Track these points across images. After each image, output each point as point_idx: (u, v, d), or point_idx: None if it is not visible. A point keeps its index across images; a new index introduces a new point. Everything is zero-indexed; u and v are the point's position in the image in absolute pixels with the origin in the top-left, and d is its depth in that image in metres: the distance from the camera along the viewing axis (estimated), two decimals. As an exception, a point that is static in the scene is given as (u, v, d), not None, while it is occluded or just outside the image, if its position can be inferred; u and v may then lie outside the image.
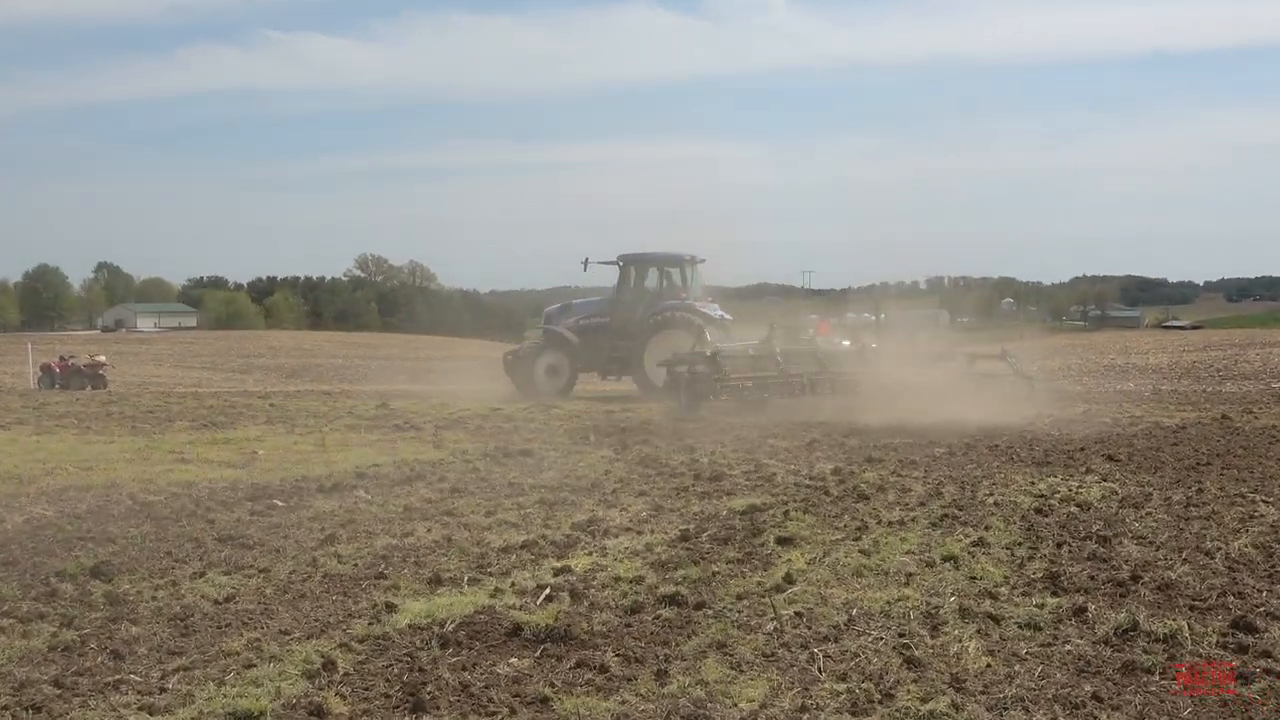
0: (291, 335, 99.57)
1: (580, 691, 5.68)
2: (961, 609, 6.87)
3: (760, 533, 9.31)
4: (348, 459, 14.64)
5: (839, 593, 7.35)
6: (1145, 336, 69.32)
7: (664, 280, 28.57)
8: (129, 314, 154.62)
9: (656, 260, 28.94)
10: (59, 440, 17.24)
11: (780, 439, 16.39)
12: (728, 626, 6.63)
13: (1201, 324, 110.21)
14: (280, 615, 7.06)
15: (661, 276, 28.57)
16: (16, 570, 8.24)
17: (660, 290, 28.38)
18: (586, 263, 28.12)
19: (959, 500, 10.73)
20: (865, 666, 5.94)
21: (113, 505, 11.05)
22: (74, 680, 5.82)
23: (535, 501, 11.09)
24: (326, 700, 5.50)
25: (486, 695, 5.64)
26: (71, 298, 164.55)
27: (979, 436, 16.25)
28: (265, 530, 9.76)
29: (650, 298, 28.31)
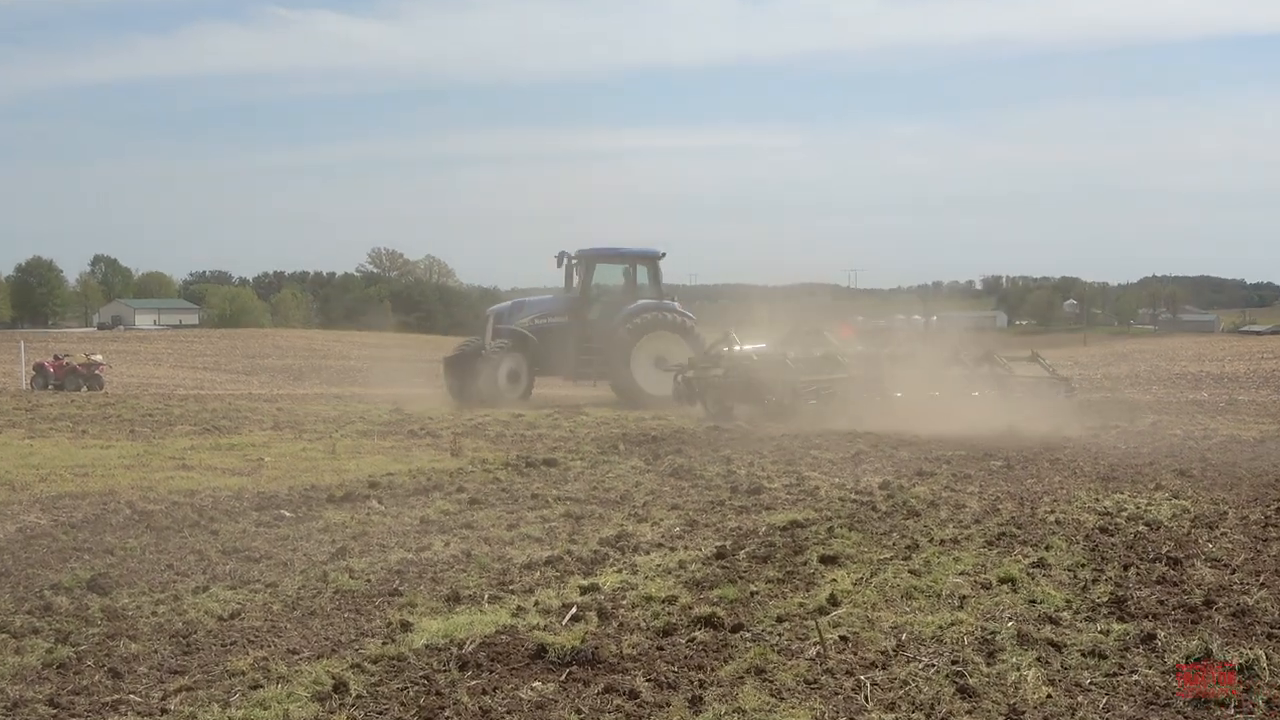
0: (300, 334, 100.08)
1: (609, 718, 5.70)
2: (1020, 635, 6.84)
3: (802, 550, 9.31)
4: (360, 467, 14.73)
5: (887, 616, 7.34)
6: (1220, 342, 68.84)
7: (625, 278, 29.22)
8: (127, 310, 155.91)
9: (616, 256, 29.48)
10: (53, 444, 17.41)
11: (823, 450, 16.38)
12: (767, 651, 6.62)
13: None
14: (288, 633, 7.12)
15: (624, 273, 29.27)
16: (9, 582, 8.33)
17: (625, 288, 29.06)
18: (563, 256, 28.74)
19: (1017, 518, 10.69)
20: (915, 696, 5.93)
21: (110, 514, 11.15)
22: (70, 700, 5.88)
23: (560, 514, 11.12)
24: (338, 724, 5.54)
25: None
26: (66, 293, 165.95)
27: (1040, 449, 16.19)
28: (272, 542, 9.83)
29: (610, 296, 28.99)
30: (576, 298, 28.65)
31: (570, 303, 28.56)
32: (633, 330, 27.88)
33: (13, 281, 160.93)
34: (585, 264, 28.78)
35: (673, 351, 27.62)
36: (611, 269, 29.45)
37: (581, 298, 28.57)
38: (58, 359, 36.84)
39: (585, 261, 28.81)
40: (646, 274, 29.17)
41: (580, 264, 28.84)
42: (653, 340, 27.94)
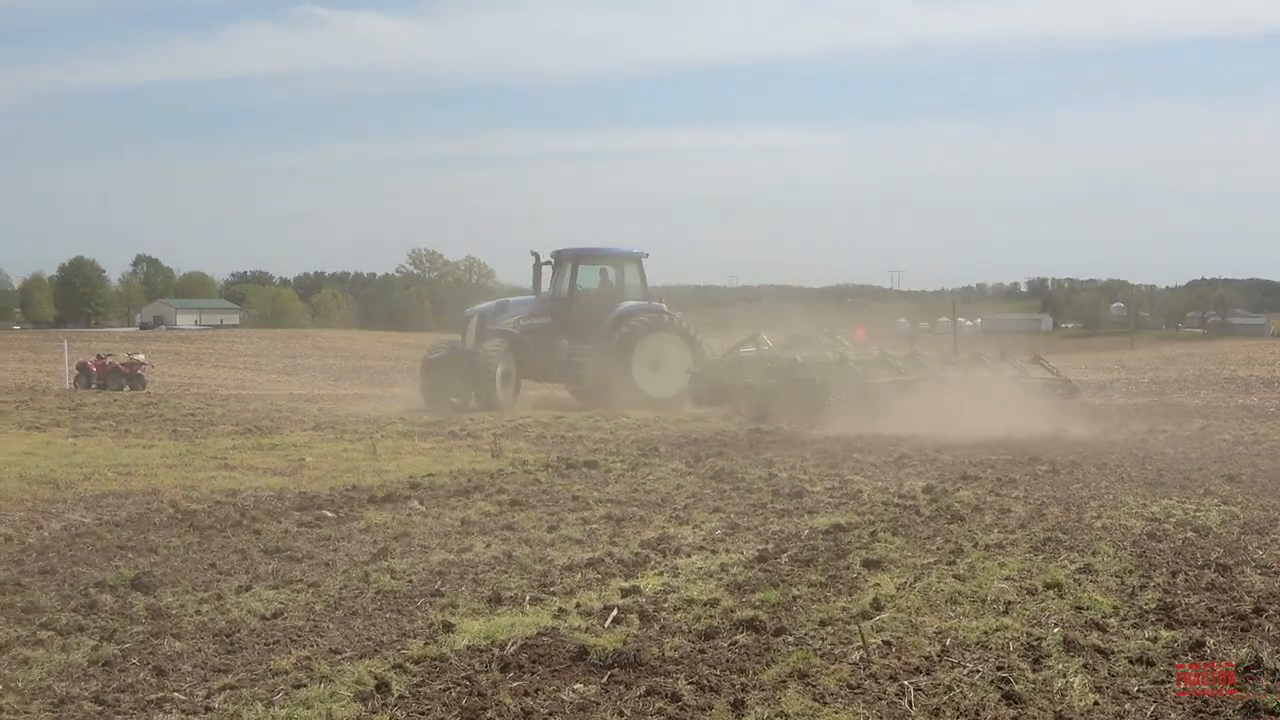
0: (340, 335, 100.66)
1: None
2: (1066, 641, 6.81)
3: (845, 554, 9.30)
4: (400, 468, 14.82)
5: (931, 621, 7.32)
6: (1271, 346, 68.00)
7: (606, 278, 28.74)
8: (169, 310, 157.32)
9: (597, 257, 29.07)
10: (97, 443, 17.61)
11: (866, 453, 16.34)
12: (810, 655, 6.62)
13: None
14: (331, 633, 7.18)
15: (607, 274, 28.78)
16: (55, 580, 8.45)
17: (610, 289, 28.52)
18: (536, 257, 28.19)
19: (1063, 523, 10.63)
20: (960, 701, 5.91)
21: (154, 513, 11.28)
22: (115, 697, 5.96)
23: (601, 517, 11.15)
24: (380, 724, 5.59)
25: (550, 723, 5.70)
26: (109, 293, 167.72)
27: (1086, 454, 16.08)
28: (314, 542, 9.92)
29: (592, 297, 28.31)
30: (562, 299, 28.10)
31: (556, 304, 28.03)
32: (632, 332, 27.52)
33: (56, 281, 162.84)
34: (570, 264, 28.36)
35: (670, 354, 27.55)
36: (591, 270, 28.97)
37: (569, 299, 28.07)
38: (100, 358, 37.21)
39: (570, 262, 28.40)
40: (631, 275, 28.83)
41: (564, 264, 28.42)
42: (652, 342, 27.73)
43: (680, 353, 27.69)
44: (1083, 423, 21.23)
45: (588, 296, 28.22)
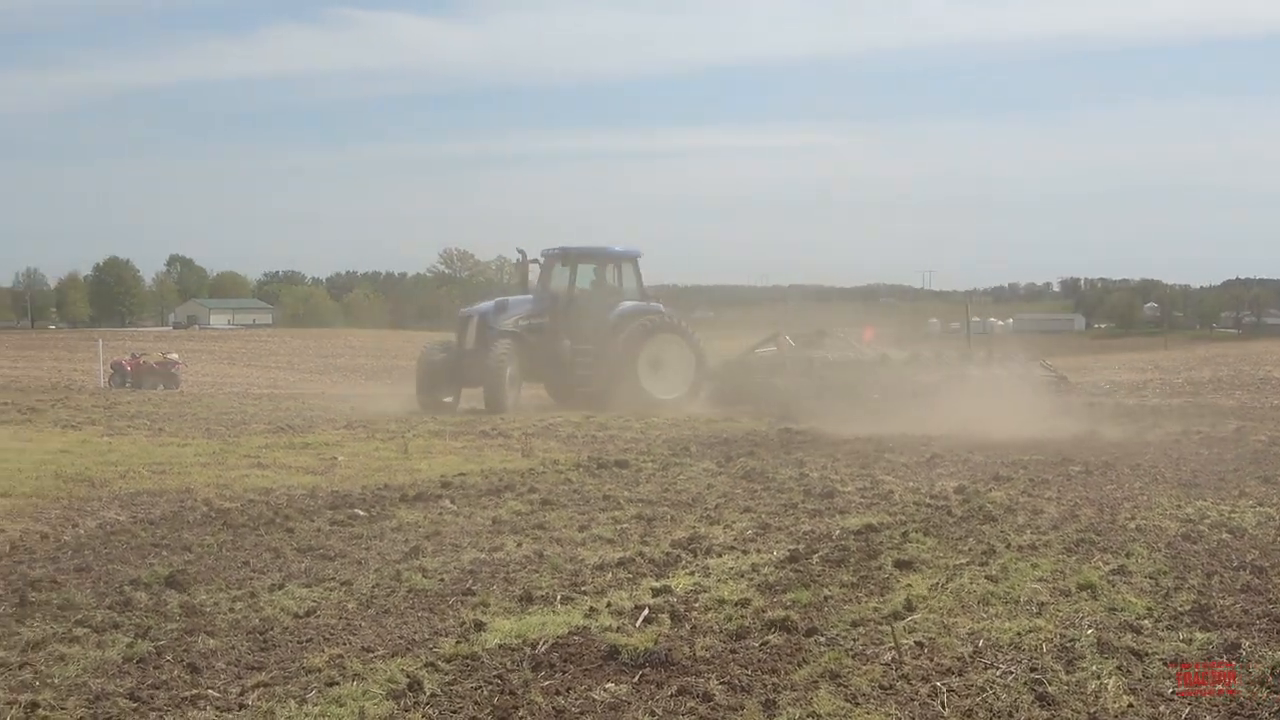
0: (372, 334, 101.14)
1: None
2: (1100, 642, 6.77)
3: (877, 555, 9.26)
4: (432, 467, 14.87)
5: (964, 622, 7.29)
6: (1307, 346, 67.39)
7: (603, 277, 28.07)
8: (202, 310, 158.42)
9: (595, 256, 28.37)
10: (131, 442, 17.74)
11: (898, 454, 16.28)
12: (841, 655, 6.60)
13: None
14: (363, 631, 7.20)
15: (604, 273, 28.09)
16: (90, 578, 8.51)
17: (607, 289, 27.85)
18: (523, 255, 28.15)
19: (1097, 524, 10.57)
20: (993, 703, 5.88)
21: (187, 511, 11.36)
22: (150, 693, 6.00)
23: (632, 516, 11.16)
24: (413, 722, 5.60)
25: (581, 722, 5.70)
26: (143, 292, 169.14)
27: (1119, 455, 15.99)
28: (346, 541, 9.96)
29: (589, 297, 27.64)
30: (561, 299, 27.33)
31: (554, 304, 27.23)
32: (637, 333, 27.05)
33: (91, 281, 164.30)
34: (568, 264, 27.86)
35: (672, 354, 27.35)
36: (587, 269, 28.22)
37: (568, 299, 27.33)
38: (135, 358, 37.53)
39: (567, 261, 27.90)
40: (628, 274, 28.28)
41: (558, 263, 27.92)
42: (656, 343, 27.32)
43: (682, 353, 27.52)
44: (1116, 423, 21.12)
45: (585, 296, 27.64)
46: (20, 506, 11.52)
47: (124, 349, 45.16)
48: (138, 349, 43.06)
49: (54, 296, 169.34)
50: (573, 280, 27.57)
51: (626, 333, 26.95)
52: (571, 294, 27.34)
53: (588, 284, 27.95)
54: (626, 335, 26.92)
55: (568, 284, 27.49)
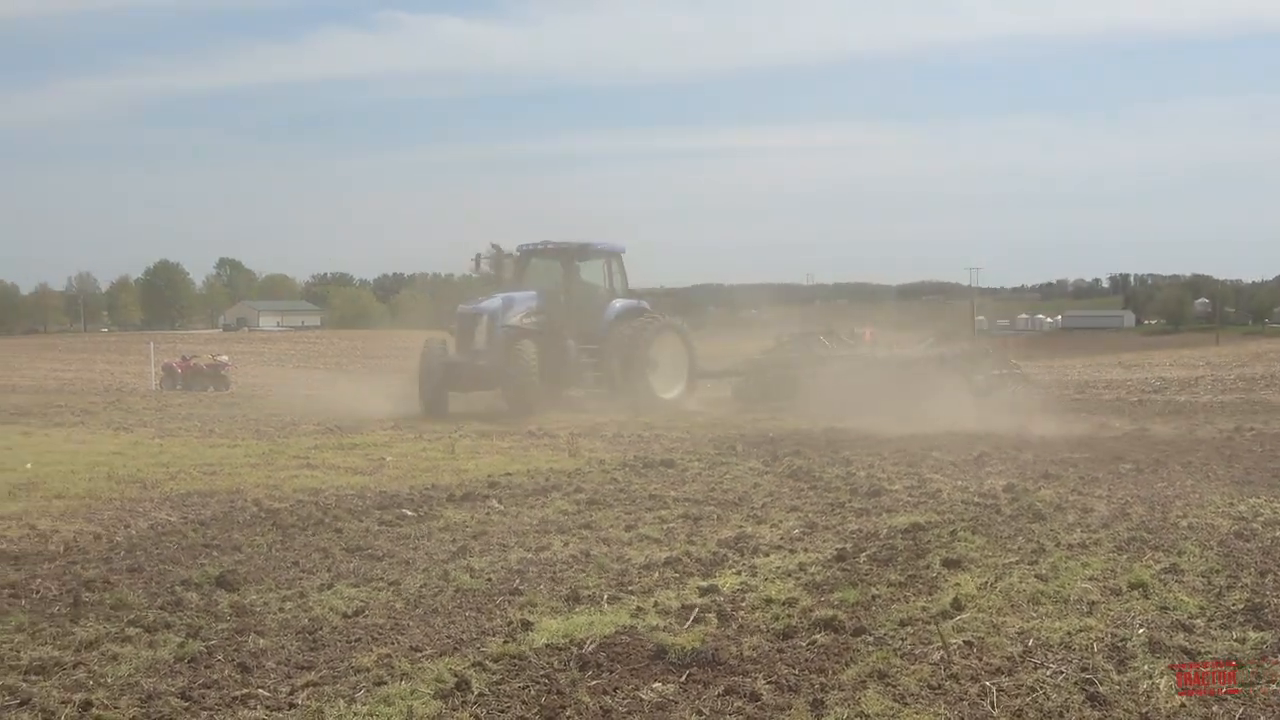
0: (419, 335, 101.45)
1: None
2: (1152, 642, 6.69)
3: (924, 554, 9.20)
4: (479, 467, 14.93)
5: (1013, 621, 7.22)
6: (1362, 341, 66.45)
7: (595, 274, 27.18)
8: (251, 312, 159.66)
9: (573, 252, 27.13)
10: (182, 443, 17.93)
11: (945, 452, 16.18)
12: (890, 655, 6.56)
13: None
14: (411, 630, 7.23)
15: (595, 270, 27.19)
16: (142, 578, 8.60)
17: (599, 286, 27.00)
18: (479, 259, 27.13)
19: (1148, 522, 10.45)
20: (1043, 703, 5.83)
21: (237, 512, 11.45)
22: (201, 693, 6.04)
23: (678, 516, 11.14)
24: (461, 722, 5.62)
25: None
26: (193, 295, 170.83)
27: (1171, 452, 15.82)
28: (394, 541, 10.00)
29: (583, 294, 26.72)
30: (559, 295, 26.26)
31: (554, 301, 26.09)
32: (644, 332, 26.32)
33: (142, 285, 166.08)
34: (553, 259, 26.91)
35: (670, 353, 26.86)
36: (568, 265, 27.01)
37: (567, 296, 26.30)
38: (185, 360, 37.88)
39: (552, 256, 26.92)
40: (616, 271, 27.29)
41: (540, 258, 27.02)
42: (659, 342, 26.68)
43: (678, 351, 27.04)
44: (1166, 421, 20.91)
45: (580, 293, 26.71)
46: (74, 507, 11.66)
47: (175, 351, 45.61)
48: (188, 351, 43.48)
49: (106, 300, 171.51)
50: (572, 276, 26.63)
51: (632, 331, 26.25)
52: (571, 291, 26.42)
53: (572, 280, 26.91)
54: (632, 334, 26.21)
55: (563, 280, 26.51)
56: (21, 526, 10.58)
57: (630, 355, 25.87)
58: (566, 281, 26.49)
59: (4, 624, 7.26)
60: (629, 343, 26.03)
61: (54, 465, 14.70)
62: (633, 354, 25.90)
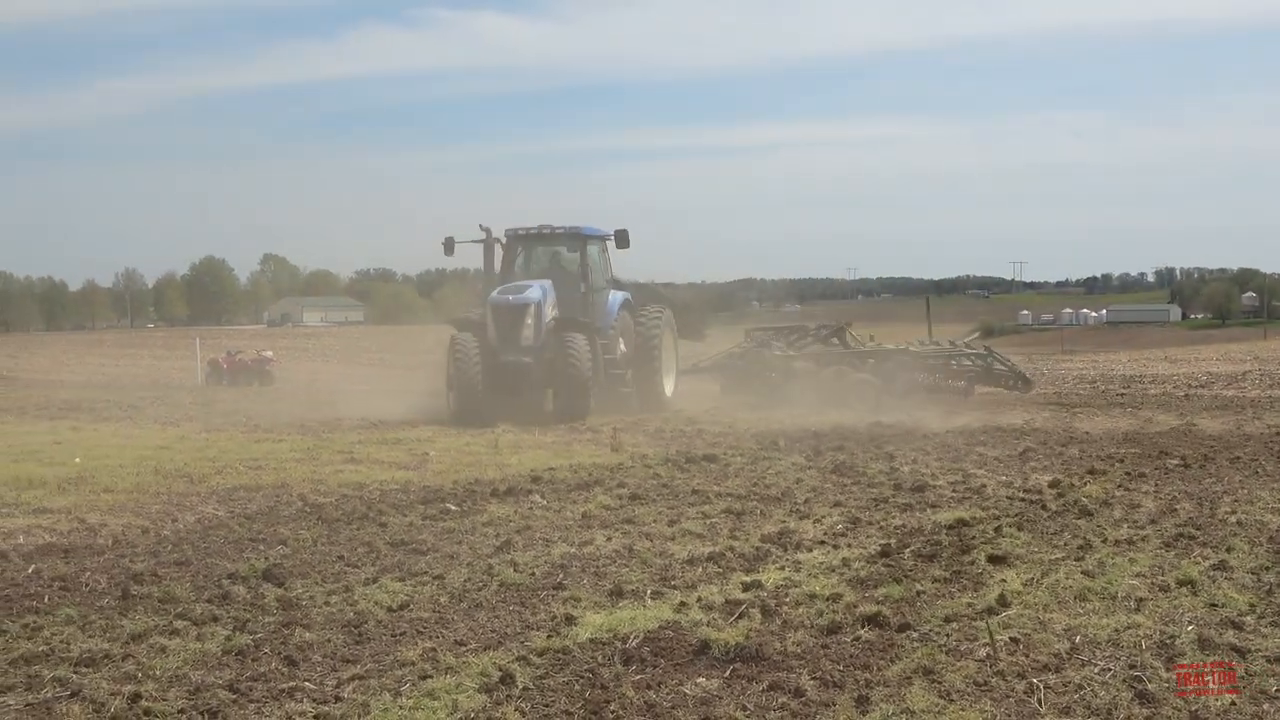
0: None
1: (774, 716, 5.68)
2: (1200, 639, 6.62)
3: (970, 550, 9.15)
4: (522, 462, 14.95)
5: (1060, 618, 7.17)
6: None
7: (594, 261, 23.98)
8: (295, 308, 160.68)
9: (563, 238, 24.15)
10: (228, 438, 18.05)
11: (989, 447, 16.09)
12: (935, 651, 6.53)
13: None
14: (456, 625, 7.25)
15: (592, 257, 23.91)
16: (189, 571, 8.67)
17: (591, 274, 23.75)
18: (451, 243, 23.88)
19: (1196, 518, 10.35)
20: (1091, 700, 5.78)
21: (283, 506, 11.52)
22: (249, 685, 6.09)
23: (721, 511, 11.12)
24: (505, 716, 5.63)
25: (673, 716, 5.69)
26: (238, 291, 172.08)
27: (1219, 448, 15.65)
28: (438, 535, 10.03)
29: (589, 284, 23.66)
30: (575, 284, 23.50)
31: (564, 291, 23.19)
32: (659, 327, 24.20)
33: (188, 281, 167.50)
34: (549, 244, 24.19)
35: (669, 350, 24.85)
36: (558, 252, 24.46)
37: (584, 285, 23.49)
38: (230, 355, 38.15)
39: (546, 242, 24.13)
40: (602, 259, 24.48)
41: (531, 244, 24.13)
42: (667, 339, 24.69)
43: (671, 347, 25.18)
44: (1214, 416, 20.70)
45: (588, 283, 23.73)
46: (122, 501, 11.77)
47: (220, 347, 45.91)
48: (233, 347, 43.76)
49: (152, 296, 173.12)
50: (588, 263, 23.70)
51: (643, 328, 24.17)
52: (588, 280, 23.51)
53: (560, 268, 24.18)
54: (648, 329, 24.13)
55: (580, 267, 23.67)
56: (71, 520, 10.69)
57: (649, 352, 23.92)
58: (583, 269, 23.58)
59: (55, 616, 7.35)
60: (645, 340, 24.03)
61: (102, 460, 14.85)
62: (648, 351, 23.94)
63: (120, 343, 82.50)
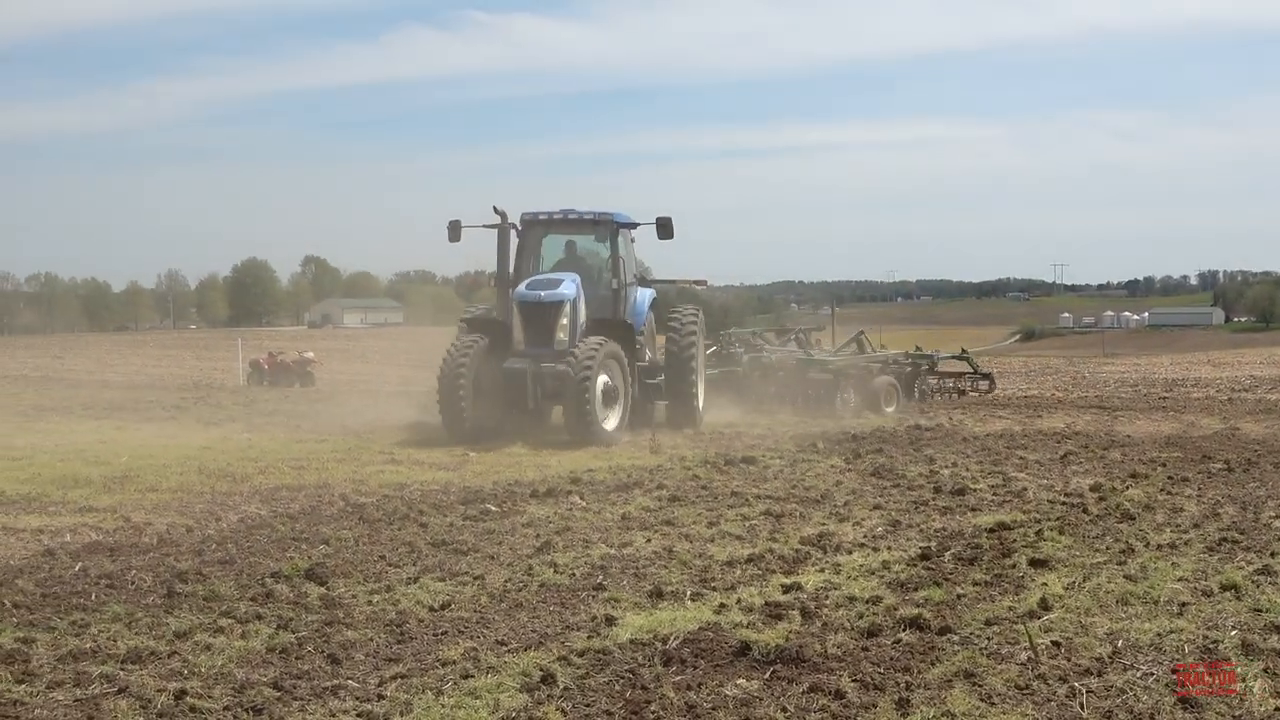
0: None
1: (814, 718, 5.67)
2: (1244, 644, 6.57)
3: (1010, 553, 9.12)
4: (561, 463, 14.99)
5: (1101, 622, 7.13)
6: None
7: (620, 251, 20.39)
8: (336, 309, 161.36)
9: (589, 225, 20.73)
10: (270, 438, 18.18)
11: (1030, 450, 16.02)
12: (976, 654, 6.50)
13: None
14: (497, 625, 7.28)
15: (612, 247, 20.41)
16: (233, 570, 8.74)
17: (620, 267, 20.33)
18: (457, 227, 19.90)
19: (1239, 523, 10.26)
20: (1133, 705, 5.74)
21: (325, 506, 11.60)
22: (293, 683, 6.14)
23: (760, 513, 11.12)
24: (547, 715, 5.65)
25: (713, 717, 5.69)
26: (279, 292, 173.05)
27: (1262, 452, 15.51)
28: (479, 536, 10.08)
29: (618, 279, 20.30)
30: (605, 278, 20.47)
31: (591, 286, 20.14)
32: (697, 332, 20.99)
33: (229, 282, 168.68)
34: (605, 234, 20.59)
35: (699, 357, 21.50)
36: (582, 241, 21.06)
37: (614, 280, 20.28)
38: (272, 356, 38.40)
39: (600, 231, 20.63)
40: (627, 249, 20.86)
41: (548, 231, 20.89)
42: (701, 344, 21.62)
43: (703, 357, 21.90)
44: (1257, 420, 20.51)
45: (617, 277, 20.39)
46: (166, 500, 11.88)
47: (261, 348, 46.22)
48: (275, 348, 44.07)
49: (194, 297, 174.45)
50: (616, 252, 20.31)
51: (681, 330, 20.73)
52: (619, 275, 20.25)
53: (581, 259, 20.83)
54: (683, 333, 20.69)
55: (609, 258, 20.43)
56: (117, 519, 10.80)
57: (680, 359, 20.47)
58: (613, 261, 20.31)
59: (102, 613, 7.43)
60: (680, 345, 20.59)
61: (147, 459, 14.99)
62: (683, 358, 20.48)
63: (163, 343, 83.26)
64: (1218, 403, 26.13)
